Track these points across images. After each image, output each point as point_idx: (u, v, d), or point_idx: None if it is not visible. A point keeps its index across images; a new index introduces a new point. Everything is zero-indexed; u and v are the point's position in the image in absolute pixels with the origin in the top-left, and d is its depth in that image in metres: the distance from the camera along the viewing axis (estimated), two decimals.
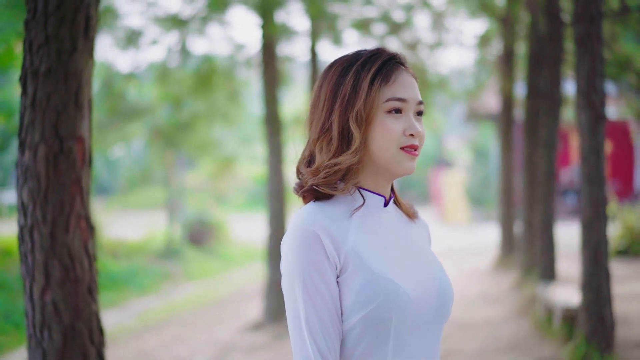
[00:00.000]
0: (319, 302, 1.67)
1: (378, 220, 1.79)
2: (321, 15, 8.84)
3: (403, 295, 1.69)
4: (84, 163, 3.01)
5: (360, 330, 1.69)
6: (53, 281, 2.91)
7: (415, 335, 1.73)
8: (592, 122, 5.51)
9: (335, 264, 1.68)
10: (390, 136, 1.72)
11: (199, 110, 12.72)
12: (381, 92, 1.73)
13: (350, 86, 1.73)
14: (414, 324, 1.72)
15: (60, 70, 2.93)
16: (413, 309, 1.71)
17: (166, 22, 8.69)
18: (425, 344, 1.75)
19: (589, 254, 5.64)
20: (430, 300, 1.75)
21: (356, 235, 1.72)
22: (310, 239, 1.67)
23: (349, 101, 1.73)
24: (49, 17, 2.93)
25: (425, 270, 1.78)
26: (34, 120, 2.92)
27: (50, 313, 2.91)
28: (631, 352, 5.98)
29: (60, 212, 2.93)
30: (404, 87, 1.75)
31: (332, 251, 1.68)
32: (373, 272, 1.69)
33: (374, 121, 1.73)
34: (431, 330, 1.76)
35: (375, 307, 1.67)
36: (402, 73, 1.76)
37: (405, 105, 1.74)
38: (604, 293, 5.63)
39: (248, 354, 7.22)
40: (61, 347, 2.91)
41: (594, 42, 5.45)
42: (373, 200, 1.79)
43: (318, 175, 1.75)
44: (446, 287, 1.79)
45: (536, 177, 8.90)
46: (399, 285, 1.69)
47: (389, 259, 1.74)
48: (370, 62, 1.75)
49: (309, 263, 1.67)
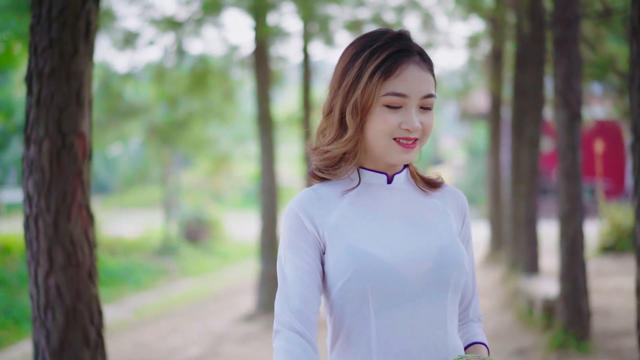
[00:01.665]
0: (298, 273, 1.73)
1: (377, 196, 1.80)
2: (313, 17, 9.06)
3: (379, 265, 1.69)
4: (85, 157, 3.20)
5: (341, 304, 1.74)
6: (56, 266, 3.10)
7: (405, 308, 1.72)
8: (569, 121, 5.77)
9: (318, 241, 1.75)
10: (384, 128, 1.72)
11: (195, 109, 12.92)
12: (381, 86, 1.71)
13: (354, 74, 1.73)
14: (401, 296, 1.71)
15: (62, 71, 3.12)
16: (396, 279, 1.70)
17: (162, 24, 8.87)
18: (422, 316, 1.73)
19: (567, 246, 5.90)
20: (422, 270, 1.72)
21: (343, 213, 1.76)
22: (293, 219, 1.76)
23: (350, 89, 1.73)
24: (53, 22, 3.12)
25: (421, 241, 1.75)
26: (39, 117, 3.11)
27: (53, 295, 3.10)
28: (608, 341, 6.23)
29: (62, 202, 3.12)
30: (407, 81, 1.71)
31: (312, 229, 1.74)
32: (349, 245, 1.72)
33: (371, 111, 1.73)
34: (428, 301, 1.73)
35: (349, 278, 1.70)
36: (410, 66, 1.72)
37: (405, 100, 1.71)
38: (581, 284, 5.89)
39: (241, 343, 7.49)
40: (63, 327, 3.10)
41: (571, 45, 5.71)
42: (373, 178, 1.81)
43: (316, 158, 1.81)
44: (448, 256, 1.75)
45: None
46: (374, 256, 1.70)
47: (375, 232, 1.74)
48: (379, 51, 1.72)
49: (290, 239, 1.76)
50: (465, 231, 1.90)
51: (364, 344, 1.73)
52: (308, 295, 1.73)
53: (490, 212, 12.03)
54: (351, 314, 1.74)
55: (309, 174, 1.85)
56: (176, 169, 17.35)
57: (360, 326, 1.73)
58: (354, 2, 10.11)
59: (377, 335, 1.72)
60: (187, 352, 7.36)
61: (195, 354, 7.25)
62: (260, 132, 8.78)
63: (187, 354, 7.28)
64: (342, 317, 1.75)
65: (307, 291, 1.73)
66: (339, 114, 1.76)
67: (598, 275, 9.59)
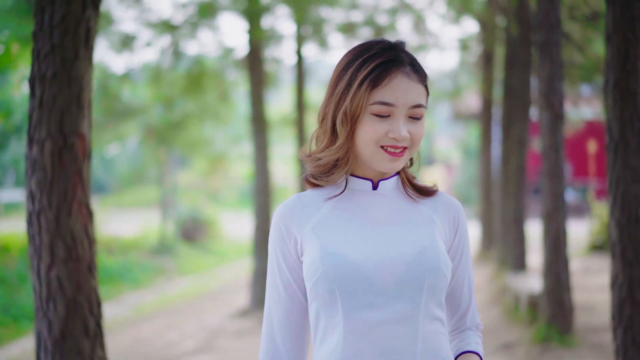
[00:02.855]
0: (275, 278, 1.85)
1: (360, 202, 1.82)
2: (307, 20, 9.24)
3: (348, 266, 1.72)
4: (85, 156, 3.34)
5: (315, 304, 1.78)
6: (58, 260, 3.23)
7: (375, 310, 1.72)
8: (552, 122, 5.97)
9: (295, 247, 1.81)
10: (371, 136, 1.74)
11: (191, 110, 13.06)
12: (369, 95, 1.73)
13: (345, 83, 1.76)
14: (370, 298, 1.72)
15: (64, 75, 3.25)
16: (365, 281, 1.72)
17: (159, 27, 9.03)
18: (392, 320, 1.73)
19: (550, 244, 6.10)
20: (394, 273, 1.72)
21: (323, 217, 1.81)
22: (273, 229, 1.85)
23: (341, 97, 1.76)
24: (54, 29, 3.26)
25: (396, 245, 1.76)
26: (41, 118, 3.24)
27: (55, 288, 3.22)
28: (590, 335, 6.43)
29: (64, 199, 3.24)
30: (395, 91, 1.73)
31: (289, 238, 1.81)
32: (322, 246, 1.75)
33: (360, 120, 1.75)
34: (400, 304, 1.73)
35: (318, 278, 1.73)
36: (399, 76, 1.74)
37: (393, 109, 1.73)
38: (563, 280, 6.09)
39: (235, 338, 7.71)
40: (64, 317, 3.23)
41: (553, 48, 5.91)
42: (358, 184, 1.83)
43: (310, 165, 1.84)
44: (423, 260, 1.74)
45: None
46: (344, 257, 1.73)
47: (350, 235, 1.77)
48: (369, 60, 1.75)
49: (272, 245, 1.86)
50: (459, 241, 1.88)
51: (334, 343, 1.75)
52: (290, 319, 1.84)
53: (481, 211, 12.23)
54: (324, 314, 1.76)
55: (303, 180, 1.88)
56: (173, 169, 17.47)
57: (331, 326, 1.76)
58: (348, 4, 10.29)
59: (345, 336, 1.73)
60: (183, 346, 7.57)
61: (191, 347, 7.47)
62: (254, 133, 8.97)
63: (183, 348, 7.49)
64: (318, 316, 1.79)
65: (289, 317, 1.84)
66: (331, 122, 1.79)
67: (587, 273, 9.80)
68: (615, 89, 3.73)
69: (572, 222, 14.92)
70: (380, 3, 10.82)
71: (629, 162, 3.71)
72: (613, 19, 3.75)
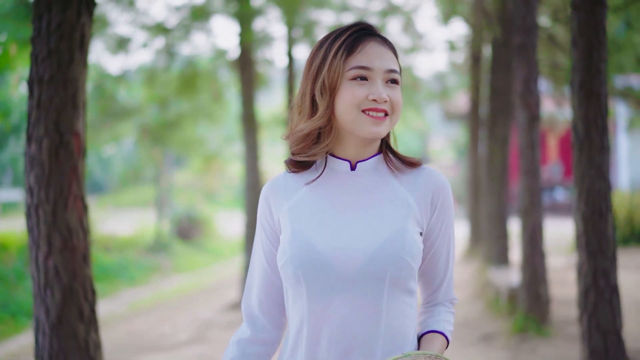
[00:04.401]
0: (259, 257, 1.94)
1: (337, 184, 1.86)
2: (297, 23, 9.47)
3: (312, 253, 1.77)
4: (80, 154, 3.52)
5: (285, 285, 1.85)
6: (54, 249, 3.41)
7: (337, 297, 1.77)
8: (528, 121, 6.23)
9: (275, 228, 1.89)
10: (352, 100, 1.77)
11: (185, 110, 13.26)
12: (346, 62, 1.78)
13: (321, 57, 1.81)
14: (333, 285, 1.77)
15: (60, 78, 3.42)
16: (327, 269, 1.76)
17: (153, 30, 9.25)
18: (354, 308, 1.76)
19: (527, 238, 6.36)
20: (355, 263, 1.76)
21: (299, 199, 1.86)
22: (261, 199, 1.93)
23: (318, 71, 1.81)
24: (51, 35, 3.44)
25: (363, 234, 1.78)
26: (39, 118, 3.42)
27: (52, 276, 3.41)
28: (567, 327, 6.69)
29: (60, 194, 3.43)
30: (370, 56, 1.78)
31: (270, 214, 1.89)
32: (293, 230, 1.81)
33: (339, 88, 1.79)
34: (361, 293, 1.76)
35: (285, 262, 1.80)
36: (371, 43, 1.79)
37: (370, 73, 1.78)
38: (540, 272, 6.35)
39: (226, 329, 7.98)
40: (61, 303, 3.40)
41: (529, 51, 6.17)
42: (337, 164, 1.86)
43: (292, 142, 1.86)
44: (387, 252, 1.76)
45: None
46: (310, 244, 1.78)
47: (320, 221, 1.81)
48: (342, 34, 1.81)
49: (259, 216, 1.95)
50: (437, 218, 1.87)
51: (298, 324, 1.82)
52: (269, 290, 1.93)
53: (469, 209, 12.50)
54: (291, 294, 1.83)
55: (285, 163, 1.91)
56: (169, 169, 17.62)
57: (297, 308, 1.81)
58: (338, 6, 10.50)
59: (309, 318, 1.79)
60: (176, 338, 7.84)
61: (184, 339, 7.73)
62: (245, 132, 9.23)
63: (176, 339, 7.76)
64: (287, 297, 1.86)
65: (268, 288, 1.92)
66: (310, 97, 1.83)
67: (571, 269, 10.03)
68: (581, 90, 3.98)
69: (562, 221, 15.19)
70: (370, 5, 11.03)
71: (593, 159, 3.96)
72: (578, 24, 4.01)
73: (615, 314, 3.93)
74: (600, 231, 3.97)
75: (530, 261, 6.32)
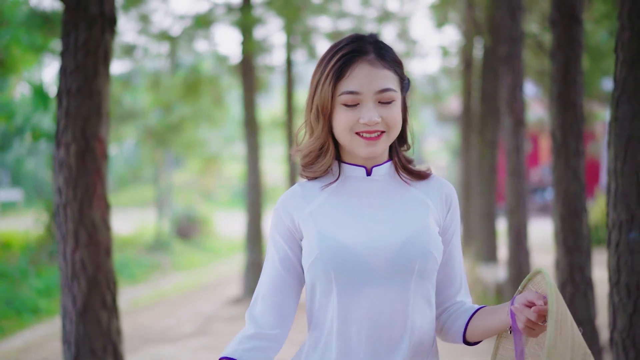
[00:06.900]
0: (272, 260, 1.93)
1: (355, 188, 1.89)
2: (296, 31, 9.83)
3: (342, 250, 1.80)
4: (103, 157, 3.84)
5: (311, 285, 1.86)
6: (81, 244, 3.70)
7: (366, 291, 1.80)
8: (514, 126, 6.59)
9: (293, 232, 1.89)
10: (344, 125, 1.81)
11: (187, 113, 13.56)
12: (335, 87, 1.81)
13: (316, 80, 1.85)
14: (363, 280, 1.80)
15: (86, 89, 3.74)
16: (358, 264, 1.80)
17: (158, 37, 9.63)
18: (382, 300, 1.80)
19: (513, 236, 6.72)
20: (385, 257, 1.80)
21: (320, 203, 1.88)
22: (273, 216, 1.93)
23: (313, 95, 1.86)
24: (78, 51, 3.76)
25: (389, 229, 1.82)
26: (67, 126, 3.73)
27: (78, 268, 3.71)
28: None
29: (86, 193, 3.73)
30: (360, 80, 1.79)
31: (289, 222, 1.89)
32: (318, 232, 1.84)
33: (333, 112, 1.83)
34: (390, 285, 1.80)
35: (314, 260, 1.82)
36: (360, 65, 1.80)
37: (360, 97, 1.80)
38: (525, 269, 6.71)
39: (228, 322, 8.38)
40: (86, 292, 3.71)
41: (515, 60, 6.52)
42: (353, 171, 1.90)
43: (299, 158, 1.93)
44: (414, 245, 1.80)
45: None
46: (338, 241, 1.81)
47: (345, 220, 1.84)
48: (334, 56, 1.82)
49: (270, 232, 1.94)
50: (450, 220, 1.93)
51: (328, 321, 1.85)
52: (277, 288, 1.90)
53: (461, 208, 12.85)
54: (319, 295, 1.85)
55: (300, 173, 1.96)
56: (168, 169, 17.79)
57: (326, 305, 1.84)
58: (335, 14, 10.85)
59: (338, 314, 1.82)
60: (181, 330, 8.20)
61: (188, 331, 8.10)
62: (247, 135, 9.62)
63: (181, 331, 8.12)
64: (313, 297, 1.87)
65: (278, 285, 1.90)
66: (310, 118, 1.88)
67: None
68: (558, 100, 4.34)
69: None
70: (366, 12, 11.36)
71: (570, 163, 4.33)
72: (557, 39, 4.39)
73: (590, 305, 4.24)
74: (576, 229, 4.30)
75: (515, 258, 6.67)
